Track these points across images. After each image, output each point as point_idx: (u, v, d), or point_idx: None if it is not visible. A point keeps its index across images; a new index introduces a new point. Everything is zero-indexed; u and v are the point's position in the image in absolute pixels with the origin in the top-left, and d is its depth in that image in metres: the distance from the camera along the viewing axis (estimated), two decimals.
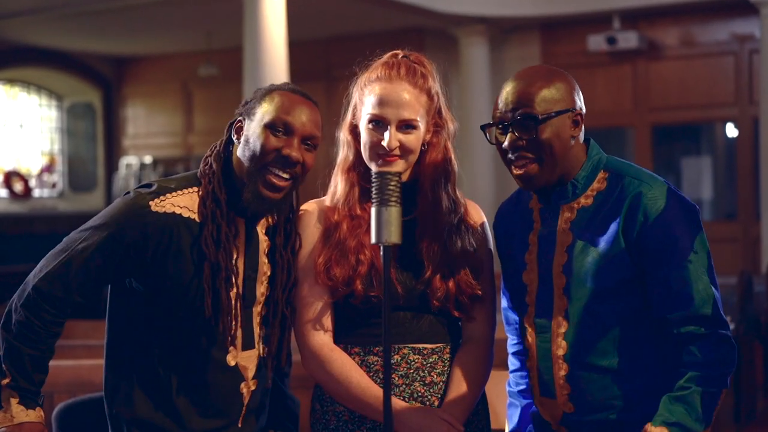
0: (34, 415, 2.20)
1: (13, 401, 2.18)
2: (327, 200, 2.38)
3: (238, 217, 2.28)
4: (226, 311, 2.23)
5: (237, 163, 2.27)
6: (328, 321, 2.29)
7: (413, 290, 2.27)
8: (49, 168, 14.24)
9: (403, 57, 2.33)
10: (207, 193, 2.25)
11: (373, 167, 2.27)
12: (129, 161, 13.90)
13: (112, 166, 14.20)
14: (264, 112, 2.23)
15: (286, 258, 2.33)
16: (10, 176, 13.59)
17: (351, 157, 2.35)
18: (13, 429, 2.17)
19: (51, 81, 13.99)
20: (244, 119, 2.27)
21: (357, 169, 2.34)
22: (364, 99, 2.30)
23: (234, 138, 2.29)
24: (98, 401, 2.51)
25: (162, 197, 2.23)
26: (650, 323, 2.18)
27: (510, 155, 2.19)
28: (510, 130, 2.16)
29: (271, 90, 2.28)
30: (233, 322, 2.25)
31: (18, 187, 13.64)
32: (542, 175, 2.17)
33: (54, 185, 14.31)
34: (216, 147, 2.32)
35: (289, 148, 2.20)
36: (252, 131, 2.23)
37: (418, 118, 2.28)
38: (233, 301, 2.25)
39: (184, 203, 2.25)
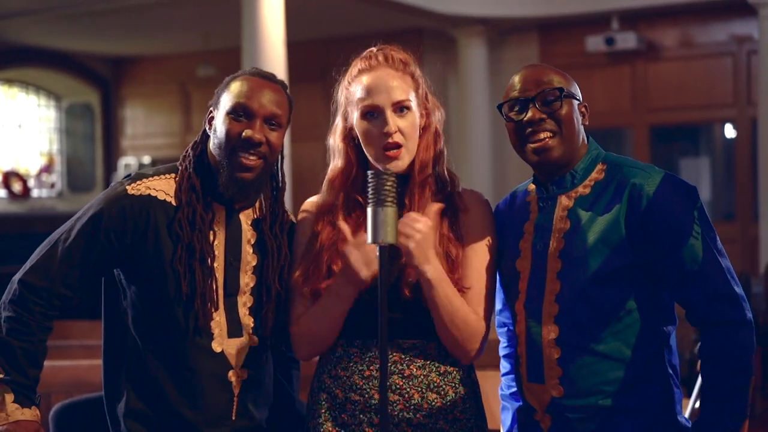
0: (29, 414, 2.21)
1: (8, 399, 2.19)
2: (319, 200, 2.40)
3: (217, 203, 2.32)
4: (201, 292, 2.25)
5: (211, 153, 2.33)
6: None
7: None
8: (47, 168, 14.23)
9: (378, 50, 2.34)
10: (183, 179, 2.31)
11: (381, 167, 2.25)
12: (127, 162, 13.89)
13: (110, 167, 14.19)
14: (226, 100, 2.31)
15: (275, 235, 2.36)
16: (8, 176, 13.58)
17: (341, 165, 2.34)
18: (9, 427, 2.18)
19: (49, 81, 13.99)
20: (214, 110, 2.34)
21: (346, 177, 2.33)
22: (352, 97, 2.30)
23: (207, 129, 2.36)
24: (95, 401, 2.51)
25: (138, 182, 2.30)
26: (646, 311, 2.20)
27: (528, 130, 2.23)
28: (532, 104, 2.21)
29: (234, 78, 2.35)
30: (210, 305, 2.28)
31: (17, 187, 13.64)
32: (558, 147, 2.22)
33: (53, 185, 14.31)
34: (196, 140, 2.39)
35: (251, 129, 2.26)
36: (218, 120, 2.31)
37: (410, 98, 2.28)
38: (210, 283, 2.27)
39: (161, 187, 2.30)
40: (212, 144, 2.32)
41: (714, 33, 10.81)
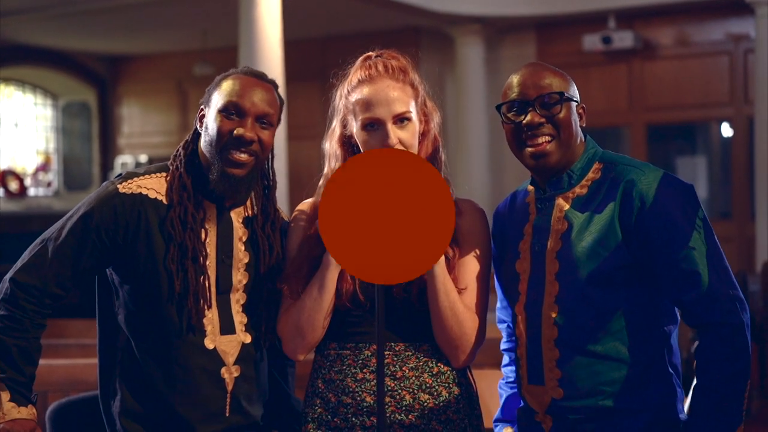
0: (26, 412, 2.22)
1: (4, 398, 2.20)
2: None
3: (208, 201, 2.34)
4: (194, 290, 2.27)
5: (202, 152, 2.35)
6: None
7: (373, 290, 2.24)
8: (44, 167, 14.22)
9: (376, 57, 2.34)
10: (174, 178, 2.33)
11: None
12: (124, 160, 13.87)
13: (107, 165, 14.18)
14: (218, 98, 2.32)
15: (267, 234, 2.38)
16: (5, 175, 13.57)
17: None
18: (6, 426, 2.18)
19: (46, 80, 13.98)
20: (206, 108, 2.36)
21: None
22: (352, 107, 2.31)
23: (198, 127, 2.37)
24: (92, 400, 2.51)
25: (129, 180, 2.32)
26: (645, 311, 2.19)
27: (526, 133, 2.22)
28: (532, 107, 2.20)
29: (225, 76, 2.36)
30: (203, 303, 2.29)
31: (13, 185, 13.63)
32: (556, 151, 2.21)
33: (49, 184, 14.29)
34: (187, 138, 2.40)
35: (242, 128, 2.28)
36: (209, 118, 2.32)
37: (410, 109, 2.28)
38: (203, 281, 2.29)
39: (152, 185, 2.32)
40: (203, 141, 2.34)
41: (710, 32, 10.82)
